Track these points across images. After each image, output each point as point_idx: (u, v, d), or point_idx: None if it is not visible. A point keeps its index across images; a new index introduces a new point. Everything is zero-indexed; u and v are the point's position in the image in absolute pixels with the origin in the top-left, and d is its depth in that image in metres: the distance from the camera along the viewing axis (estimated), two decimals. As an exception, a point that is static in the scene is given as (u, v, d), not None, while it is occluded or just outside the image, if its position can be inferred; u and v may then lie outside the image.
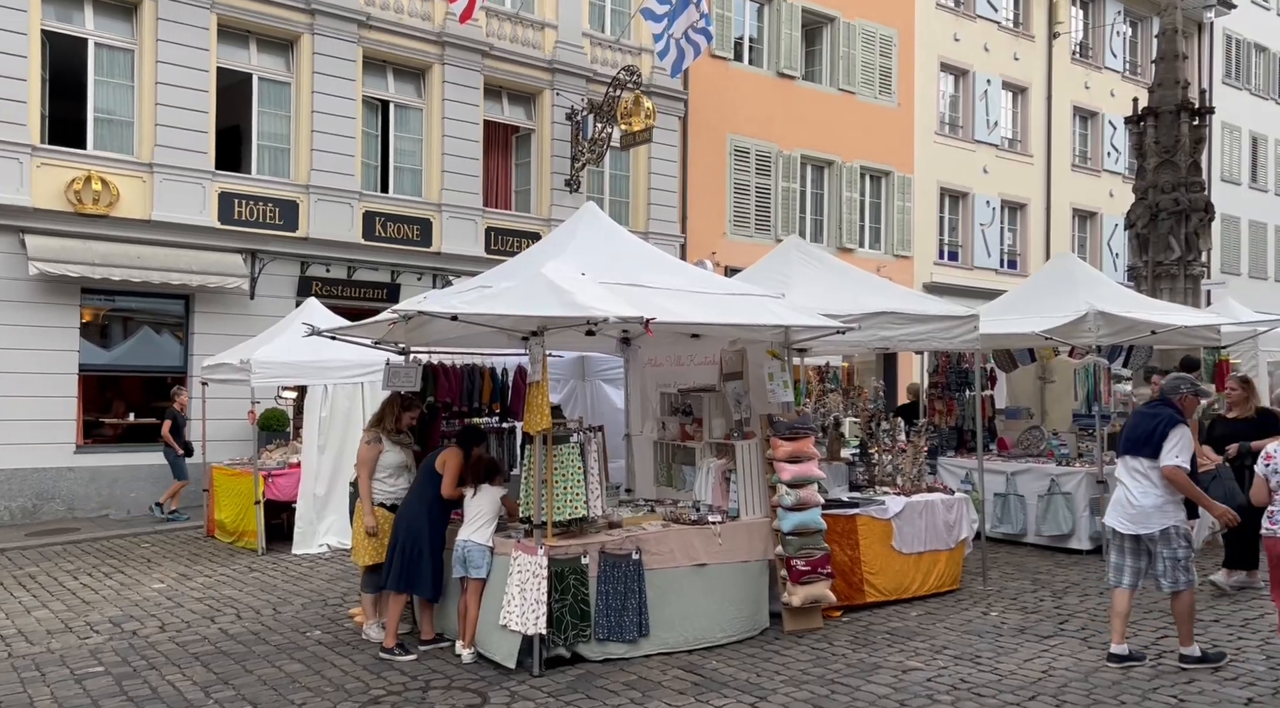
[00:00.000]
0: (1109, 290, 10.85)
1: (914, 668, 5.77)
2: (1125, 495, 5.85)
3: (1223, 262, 27.54)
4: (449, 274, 14.79)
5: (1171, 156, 13.42)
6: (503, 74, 15.92)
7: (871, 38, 20.95)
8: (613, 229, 7.33)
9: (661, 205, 17.83)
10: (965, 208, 23.04)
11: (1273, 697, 5.21)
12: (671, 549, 6.24)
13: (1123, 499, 5.87)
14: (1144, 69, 26.02)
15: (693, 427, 7.71)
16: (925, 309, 8.76)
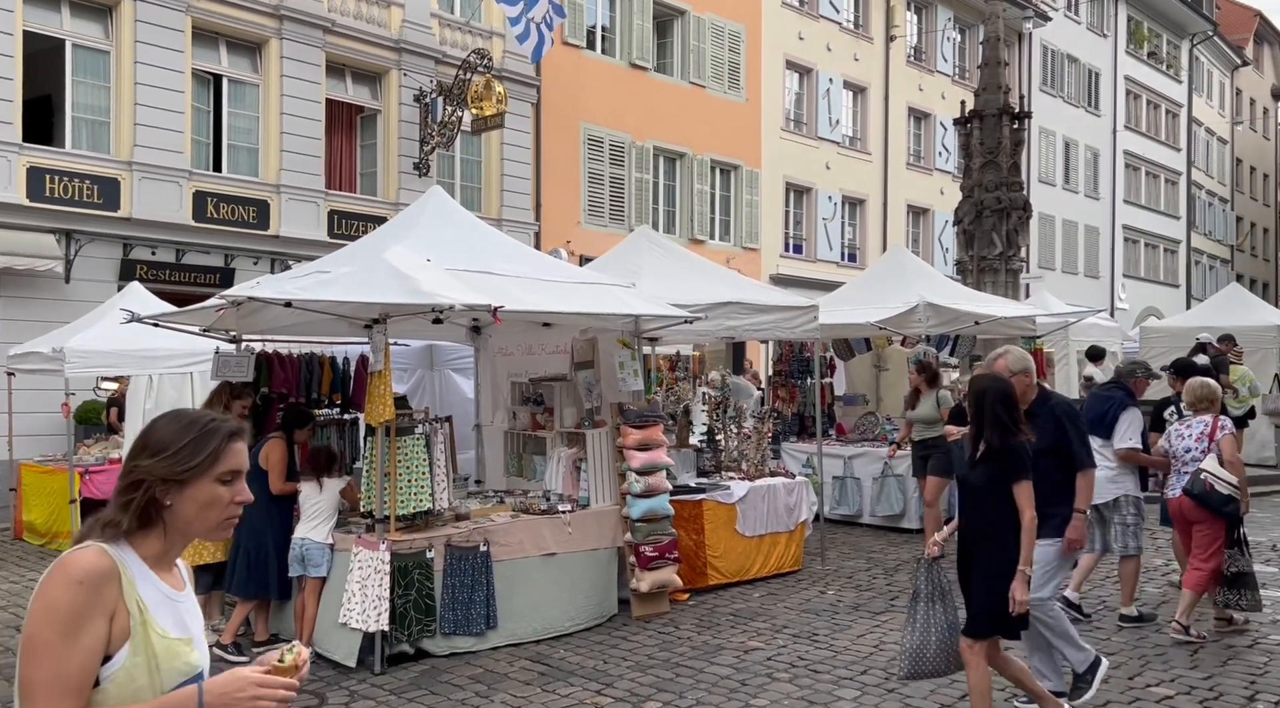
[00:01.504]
0: (938, 283, 11.51)
1: (755, 648, 5.95)
2: None
3: (1039, 257, 29.66)
4: (288, 259, 14.12)
5: (994, 157, 14.31)
6: (346, 52, 15.31)
7: (721, 32, 21.37)
8: (461, 215, 7.19)
9: (515, 192, 17.63)
10: (809, 203, 23.89)
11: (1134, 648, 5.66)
12: (521, 540, 6.19)
13: None
14: (971, 74, 27.67)
15: (544, 416, 7.68)
16: (768, 300, 9.03)
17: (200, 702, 1.68)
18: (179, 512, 1.75)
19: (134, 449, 1.80)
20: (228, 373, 6.37)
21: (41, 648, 1.62)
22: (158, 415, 1.88)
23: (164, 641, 1.72)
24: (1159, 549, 8.82)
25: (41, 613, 1.63)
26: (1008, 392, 4.20)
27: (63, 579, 1.64)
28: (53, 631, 1.62)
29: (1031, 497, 4.07)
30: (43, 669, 1.61)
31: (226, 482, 1.79)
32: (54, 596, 1.63)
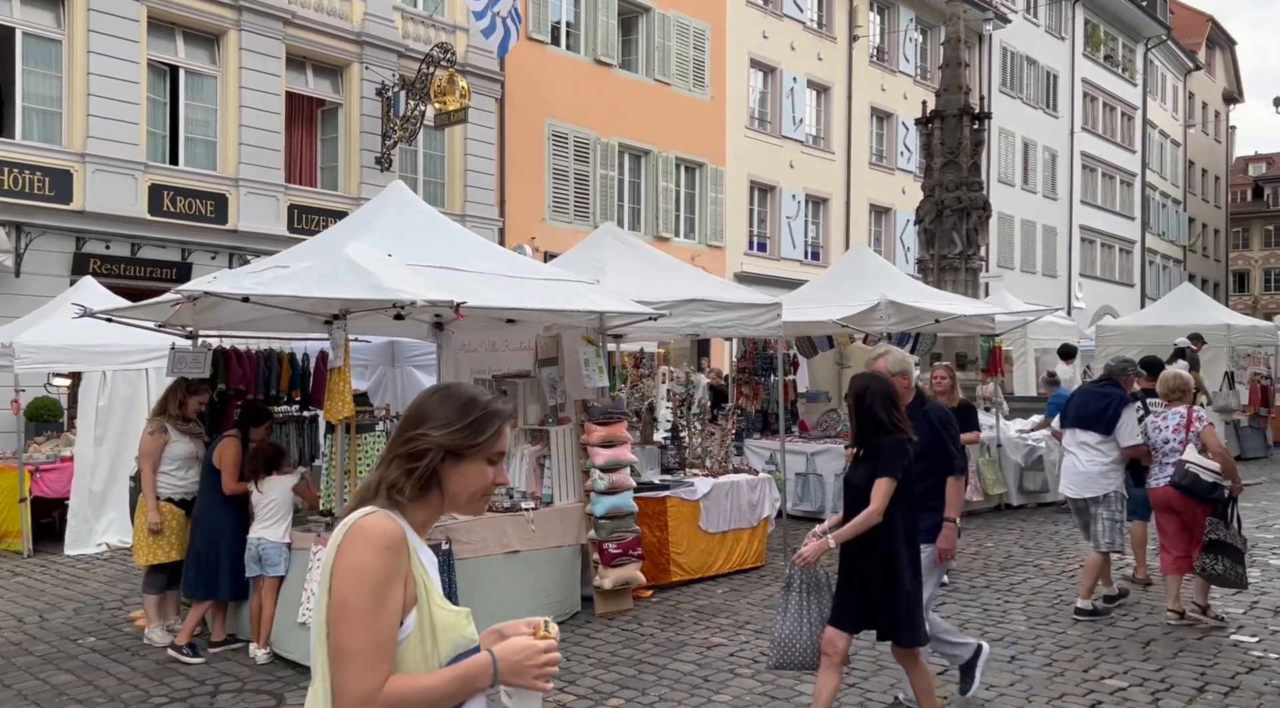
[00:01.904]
0: (899, 281, 11.62)
1: (718, 644, 5.97)
2: (1074, 464, 6.60)
3: (999, 256, 30.09)
4: (247, 253, 13.91)
5: (955, 157, 14.49)
6: (306, 44, 15.10)
7: (685, 30, 21.40)
8: (423, 210, 7.13)
9: (479, 188, 17.52)
10: (773, 201, 24.01)
11: (1032, 653, 5.76)
12: (483, 538, 6.15)
13: (1071, 467, 6.63)
14: (933, 74, 27.98)
15: (506, 413, 7.63)
16: (732, 297, 9.06)
17: (495, 669, 1.73)
18: (450, 484, 1.80)
19: (411, 420, 1.82)
20: (184, 369, 6.26)
21: (356, 614, 1.62)
22: (429, 390, 1.91)
23: (443, 612, 1.75)
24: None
25: (352, 579, 1.64)
26: (888, 390, 4.17)
27: (368, 544, 1.66)
28: (366, 596, 1.63)
29: (888, 494, 4.00)
30: (358, 635, 1.62)
31: (494, 462, 1.84)
32: (363, 561, 1.64)
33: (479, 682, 1.72)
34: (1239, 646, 5.85)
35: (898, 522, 4.05)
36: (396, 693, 1.64)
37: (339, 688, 1.63)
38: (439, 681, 1.69)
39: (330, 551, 1.69)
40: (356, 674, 1.62)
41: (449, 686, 1.69)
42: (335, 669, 1.64)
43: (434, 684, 1.68)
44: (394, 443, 1.81)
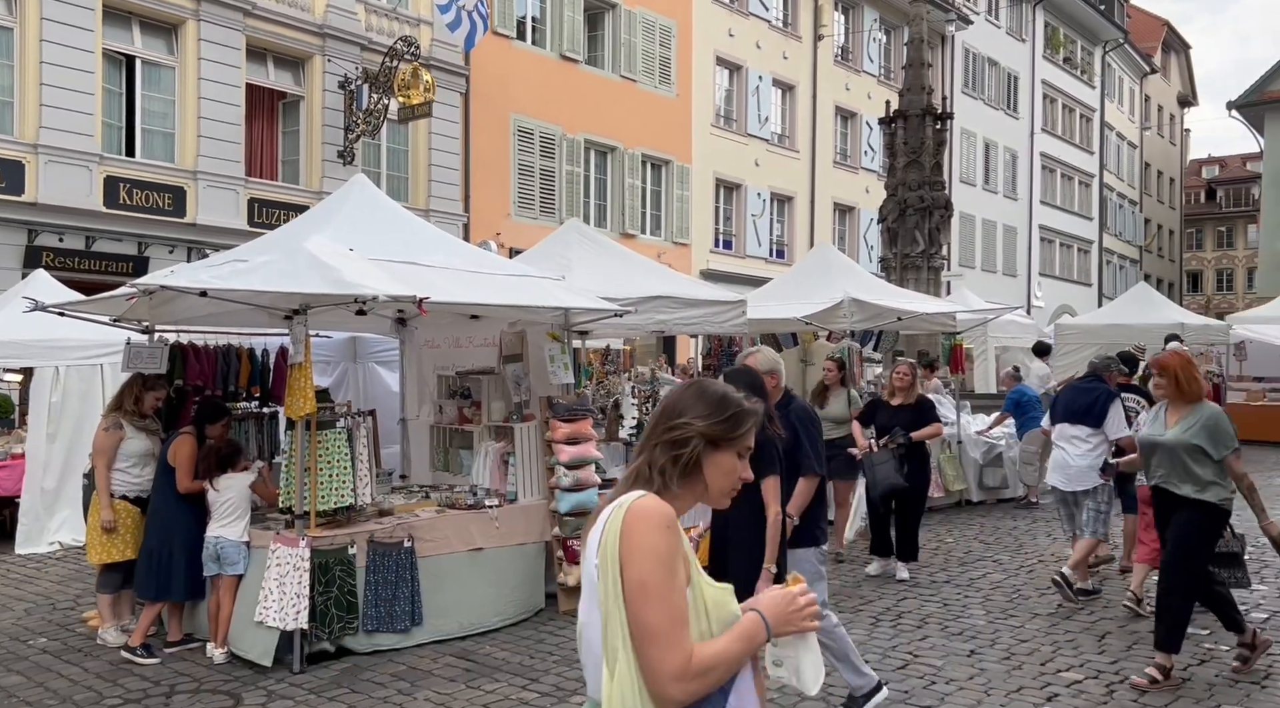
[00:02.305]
0: (862, 279, 11.71)
1: (683, 640, 5.97)
2: (1064, 458, 6.87)
3: (960, 255, 30.45)
4: (206, 247, 13.68)
5: (918, 157, 14.65)
6: (267, 35, 14.89)
7: (651, 27, 21.39)
8: (385, 204, 7.06)
9: (443, 183, 17.39)
10: (739, 199, 24.10)
11: (991, 647, 5.83)
12: (446, 535, 6.11)
13: (1061, 461, 6.89)
14: (896, 74, 28.24)
15: (471, 410, 7.58)
16: (697, 294, 9.09)
17: (766, 624, 1.80)
18: (708, 472, 1.89)
19: (669, 412, 1.92)
20: (139, 364, 6.14)
21: (655, 591, 1.69)
22: (682, 387, 1.99)
23: (712, 589, 1.81)
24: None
25: (646, 558, 1.70)
26: (760, 387, 4.11)
27: (653, 525, 1.73)
28: (661, 572, 1.70)
29: (778, 493, 4.00)
30: (661, 611, 1.69)
31: (741, 457, 1.94)
32: (652, 540, 1.71)
33: (757, 638, 1.80)
34: (1191, 638, 5.96)
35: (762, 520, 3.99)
36: (701, 661, 1.71)
37: (651, 666, 1.69)
38: (727, 643, 1.76)
39: (610, 534, 1.74)
40: (667, 649, 1.68)
41: (736, 646, 1.77)
42: (643, 648, 1.69)
43: (725, 647, 1.75)
44: (654, 432, 1.91)
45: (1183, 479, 5.03)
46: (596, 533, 1.78)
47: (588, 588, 1.81)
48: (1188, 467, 5.01)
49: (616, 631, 1.71)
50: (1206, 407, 5.11)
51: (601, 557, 1.73)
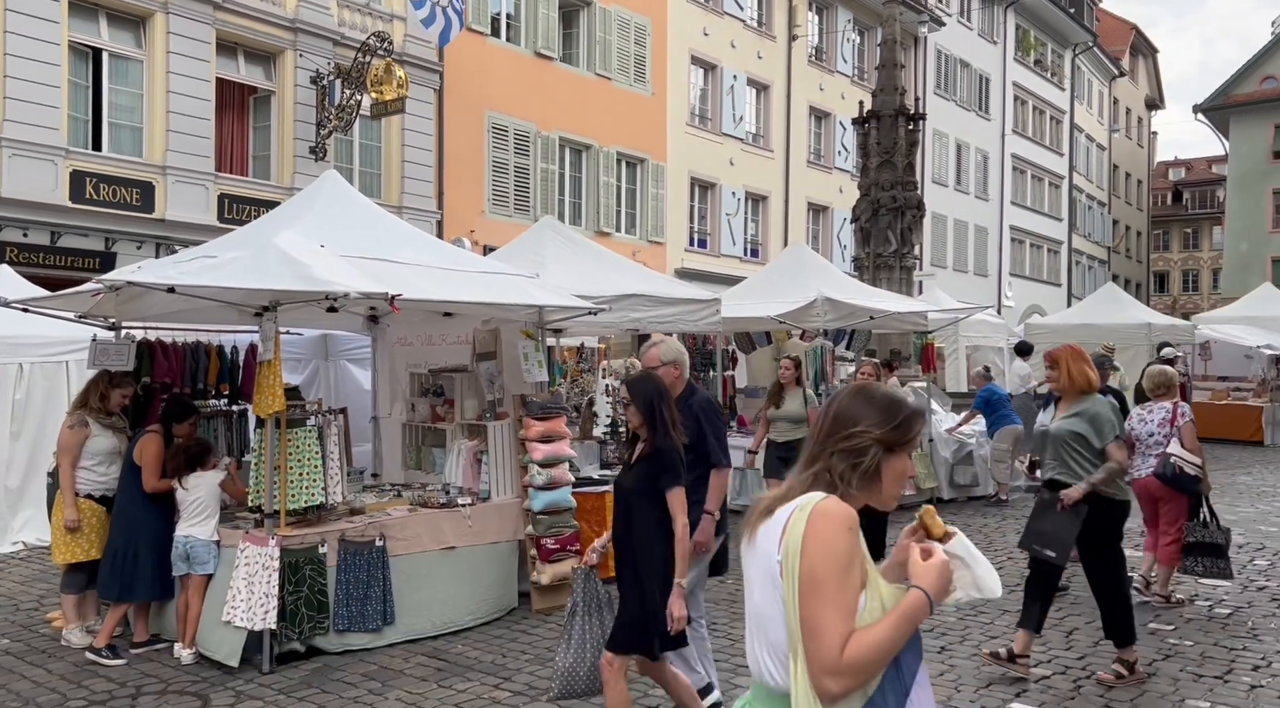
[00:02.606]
0: (836, 279, 11.77)
1: (656, 638, 5.98)
2: None
3: (932, 255, 30.70)
4: (175, 243, 13.51)
5: (890, 157, 14.74)
6: (238, 29, 14.71)
7: (627, 25, 21.37)
8: (357, 200, 7.00)
9: (416, 180, 17.27)
10: (713, 197, 24.14)
11: (961, 644, 5.89)
12: (418, 534, 6.07)
13: None
14: (869, 75, 28.41)
15: (444, 408, 7.54)
16: (672, 293, 9.10)
17: (927, 597, 1.88)
18: (883, 477, 1.99)
19: (842, 421, 2.00)
20: (106, 362, 6.05)
21: (826, 587, 1.80)
22: (848, 394, 2.07)
23: (889, 589, 1.90)
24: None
25: (825, 557, 1.81)
26: (664, 388, 4.03)
27: (835, 525, 1.84)
28: (835, 570, 1.81)
29: (684, 504, 3.84)
30: (829, 607, 1.79)
31: (909, 455, 2.03)
32: (833, 540, 1.82)
33: (920, 615, 1.87)
34: (1156, 634, 6.06)
35: (665, 529, 3.86)
36: (858, 652, 1.79)
37: (812, 656, 1.79)
38: (887, 627, 1.83)
39: (794, 533, 1.85)
40: (828, 643, 1.78)
41: (897, 628, 1.83)
42: (807, 639, 1.80)
43: (885, 632, 1.82)
44: (830, 440, 1.99)
45: (1072, 473, 5.09)
46: (776, 530, 1.89)
47: (766, 581, 1.91)
48: (1074, 457, 5.08)
49: (795, 624, 1.83)
50: (1094, 398, 5.18)
51: (785, 554, 1.85)
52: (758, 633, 1.94)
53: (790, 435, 8.20)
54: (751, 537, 1.98)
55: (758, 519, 1.97)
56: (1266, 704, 4.86)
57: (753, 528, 1.98)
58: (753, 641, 1.96)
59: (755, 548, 1.96)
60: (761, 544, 1.93)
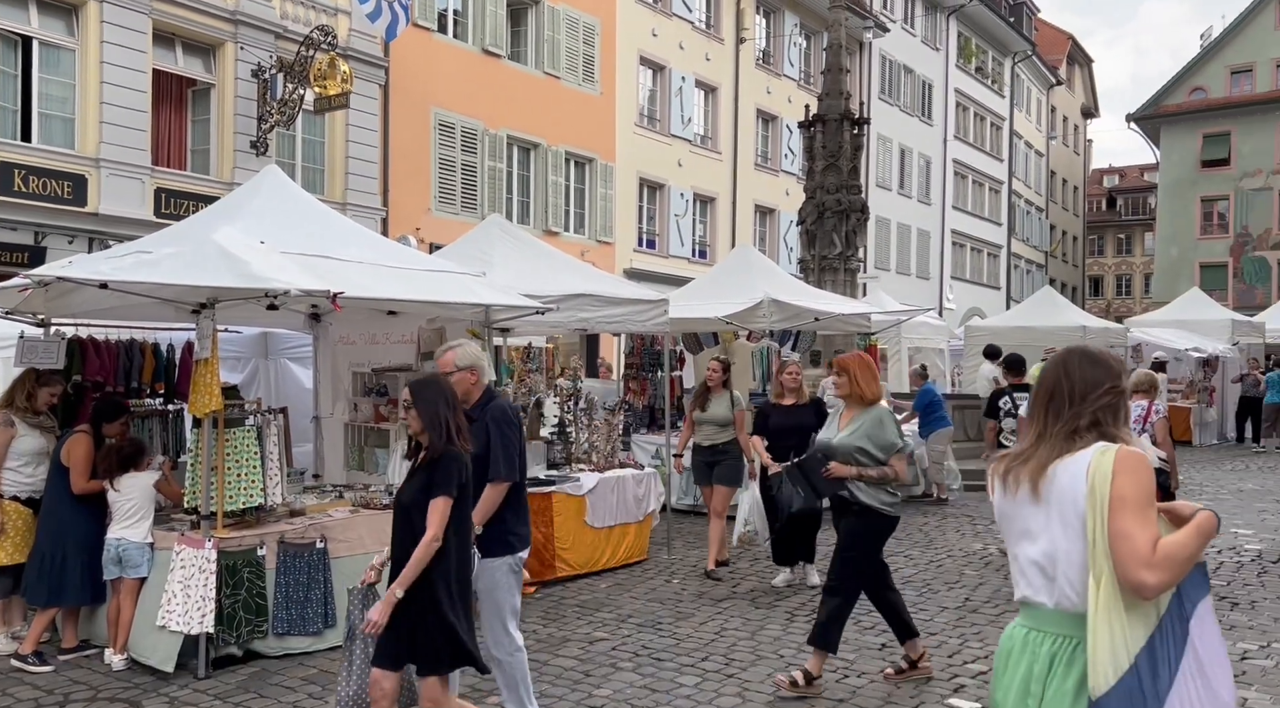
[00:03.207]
0: (782, 280, 11.89)
1: (600, 638, 5.98)
2: None
3: (876, 258, 31.16)
4: (109, 238, 13.12)
5: (836, 161, 14.90)
6: (175, 20, 14.35)
7: (575, 24, 21.33)
8: (299, 196, 6.87)
9: (361, 176, 17.02)
10: (662, 198, 24.21)
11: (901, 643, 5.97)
12: (361, 535, 5.98)
13: None
14: (815, 79, 28.73)
15: (387, 408, 7.44)
16: (620, 293, 9.08)
17: (1217, 517, 2.22)
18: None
19: (1092, 381, 2.35)
20: (34, 359, 5.86)
21: (1133, 504, 2.14)
22: (1070, 356, 2.43)
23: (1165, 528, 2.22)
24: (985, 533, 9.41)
25: (1134, 482, 2.17)
26: (452, 394, 3.80)
27: (1140, 462, 2.21)
28: (1144, 493, 2.17)
29: (444, 517, 3.57)
30: (1136, 518, 2.13)
31: None
32: (1140, 471, 2.19)
33: (1211, 533, 2.18)
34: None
35: (450, 544, 3.61)
36: (1166, 550, 2.10)
37: (1127, 558, 2.09)
38: (1187, 534, 2.15)
39: (1100, 472, 2.18)
40: (1141, 544, 2.09)
41: (1196, 537, 2.15)
42: (1119, 545, 2.11)
43: (1185, 538, 2.14)
44: (1087, 402, 2.32)
45: (857, 488, 4.97)
46: (1078, 476, 2.21)
47: (1065, 522, 2.22)
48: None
49: (1103, 548, 2.13)
50: (877, 409, 5.06)
51: (1092, 487, 2.18)
52: (1055, 564, 2.25)
53: (716, 439, 7.89)
54: (1036, 491, 2.29)
55: (1033, 474, 2.30)
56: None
57: (1031, 482, 2.30)
58: (1043, 573, 2.27)
59: (1044, 498, 2.27)
60: (1057, 494, 2.25)
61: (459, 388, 4.07)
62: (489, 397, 4.35)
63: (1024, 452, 2.37)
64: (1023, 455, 2.36)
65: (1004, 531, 2.43)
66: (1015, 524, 2.35)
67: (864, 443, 4.97)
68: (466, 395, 4.15)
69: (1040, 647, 2.26)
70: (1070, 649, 2.20)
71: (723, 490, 7.88)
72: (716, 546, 7.76)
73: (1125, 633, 2.10)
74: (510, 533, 4.27)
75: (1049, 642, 2.25)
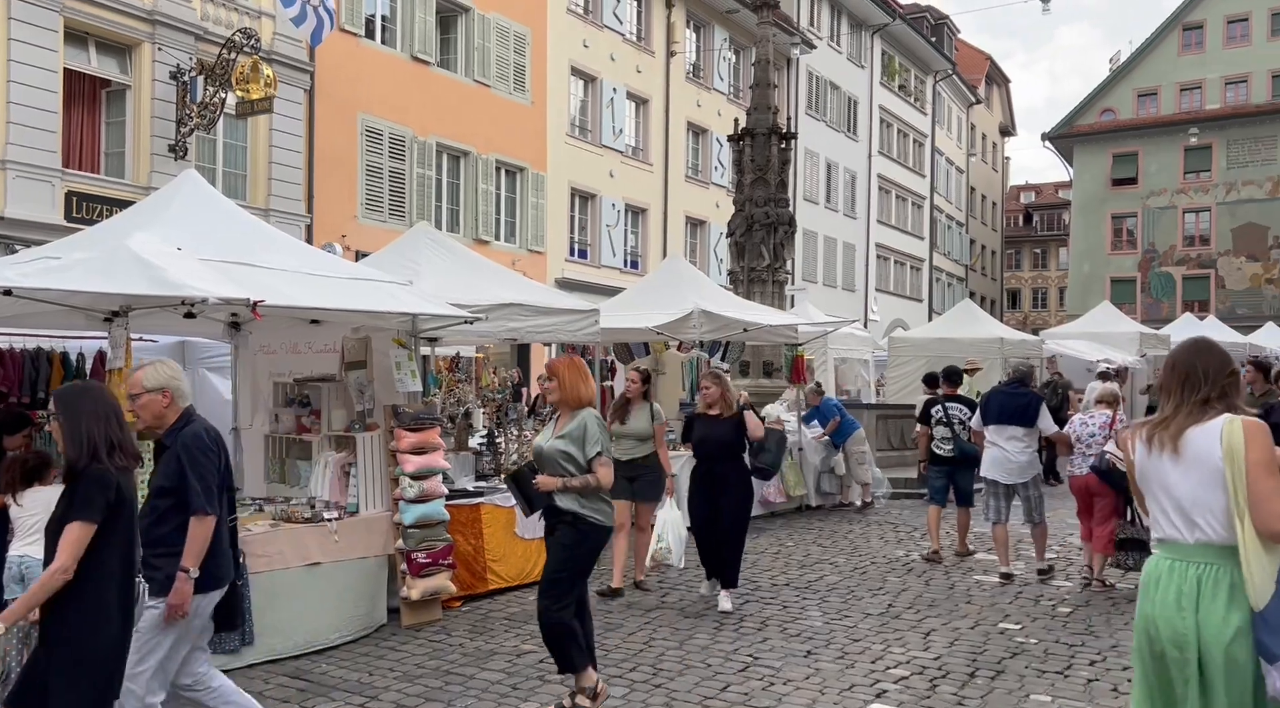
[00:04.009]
0: (711, 291, 12.01)
1: (528, 650, 5.93)
2: (1004, 455, 7.90)
3: (803, 270, 31.65)
4: (15, 243, 12.58)
5: (764, 174, 15.11)
6: (88, 19, 13.87)
7: (506, 33, 21.26)
8: (219, 201, 6.71)
9: (285, 182, 16.66)
10: (594, 208, 24.24)
11: (826, 647, 6.07)
12: (281, 550, 5.84)
13: (1001, 458, 7.91)
14: (744, 93, 29.09)
15: (310, 419, 7.29)
16: (550, 303, 9.07)
17: None
18: None
19: (1216, 366, 2.95)
20: (-69, 369, 5.58)
21: (1267, 467, 2.73)
22: (1191, 349, 3.03)
23: None
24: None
25: (1263, 450, 2.75)
26: (108, 406, 3.40)
27: (1265, 432, 2.79)
28: (1272, 458, 2.74)
29: (78, 546, 3.14)
30: (1271, 479, 2.72)
31: None
32: (1266, 440, 2.76)
33: None
34: (1005, 633, 6.41)
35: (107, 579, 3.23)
36: None
37: (1266, 517, 2.69)
38: None
39: (1234, 438, 2.79)
40: (1276, 507, 2.69)
41: None
42: (1260, 502, 2.70)
43: None
44: (1215, 383, 2.91)
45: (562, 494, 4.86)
46: (1212, 440, 2.81)
47: (1205, 473, 2.81)
48: (566, 477, 4.82)
49: (1243, 497, 2.73)
50: (583, 413, 4.92)
51: (1228, 452, 2.77)
52: (1194, 509, 2.84)
53: (635, 453, 7.38)
54: (1176, 450, 2.88)
55: (1172, 438, 2.90)
56: (1101, 696, 5.21)
57: (1172, 444, 2.89)
58: (1184, 516, 2.86)
59: (1183, 456, 2.87)
60: (1194, 452, 2.84)
61: (148, 411, 3.83)
62: (185, 421, 3.94)
63: (1164, 419, 2.95)
64: (1164, 422, 2.94)
65: (1143, 484, 2.99)
66: (1156, 478, 2.94)
67: (570, 448, 4.81)
68: (159, 419, 3.87)
69: (1186, 573, 2.83)
70: (1214, 573, 2.80)
71: (643, 507, 7.51)
72: (643, 560, 7.59)
73: (1270, 564, 2.71)
74: (215, 565, 3.82)
75: (1193, 569, 2.82)
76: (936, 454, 8.80)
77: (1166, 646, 2.83)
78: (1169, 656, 2.83)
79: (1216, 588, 2.77)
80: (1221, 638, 2.73)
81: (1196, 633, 2.76)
